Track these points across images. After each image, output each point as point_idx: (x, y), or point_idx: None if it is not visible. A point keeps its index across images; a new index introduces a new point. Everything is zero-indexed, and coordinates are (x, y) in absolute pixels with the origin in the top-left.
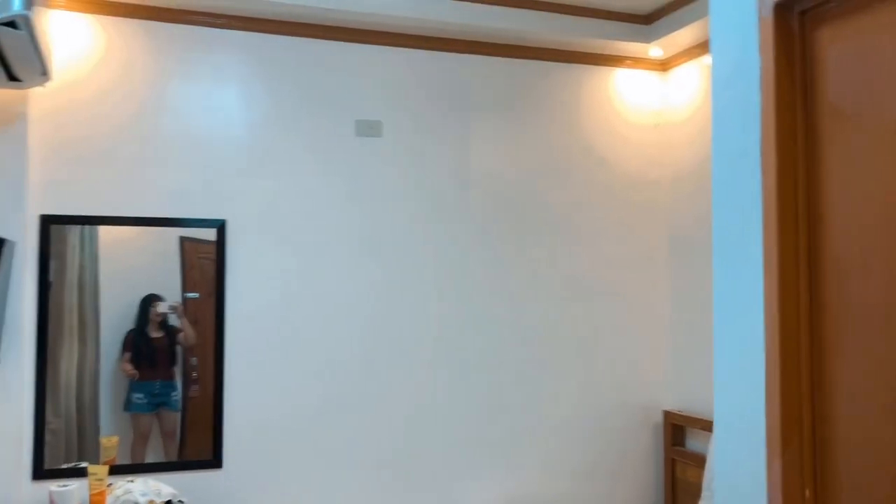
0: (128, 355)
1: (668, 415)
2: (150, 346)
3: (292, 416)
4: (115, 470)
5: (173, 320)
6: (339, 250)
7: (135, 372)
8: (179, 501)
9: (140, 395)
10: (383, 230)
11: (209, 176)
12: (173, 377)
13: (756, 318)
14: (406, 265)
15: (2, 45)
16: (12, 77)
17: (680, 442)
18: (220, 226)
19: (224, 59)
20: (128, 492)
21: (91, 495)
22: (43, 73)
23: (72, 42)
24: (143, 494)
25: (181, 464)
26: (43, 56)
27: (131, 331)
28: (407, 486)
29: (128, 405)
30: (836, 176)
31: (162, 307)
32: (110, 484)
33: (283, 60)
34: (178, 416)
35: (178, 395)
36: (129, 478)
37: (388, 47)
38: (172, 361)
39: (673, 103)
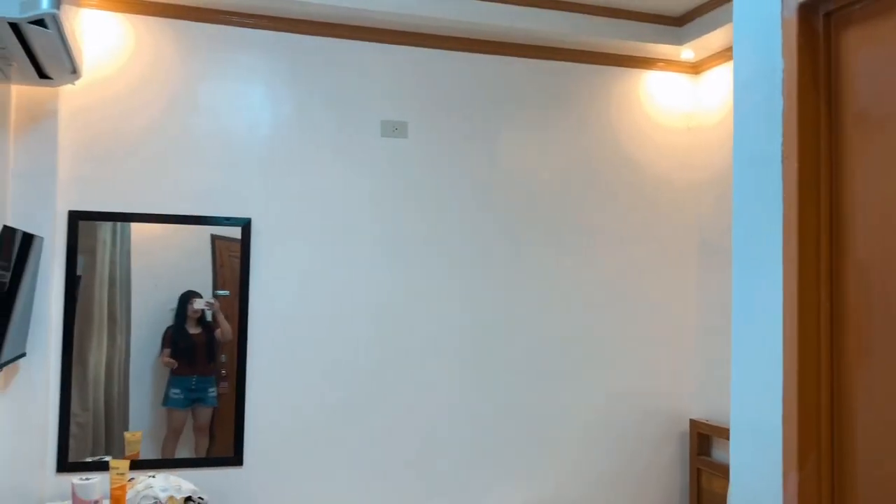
0: (167, 351)
1: (694, 423)
2: (188, 342)
3: (313, 417)
4: (139, 465)
5: (210, 317)
6: (362, 251)
7: (173, 361)
8: (199, 498)
9: (177, 391)
10: (408, 231)
11: (235, 175)
12: (210, 373)
13: (774, 326)
14: (430, 267)
15: (31, 44)
16: (43, 75)
17: (706, 451)
18: (245, 224)
19: (251, 59)
20: (148, 487)
21: (112, 489)
22: (73, 72)
23: (102, 40)
24: (164, 490)
25: (203, 460)
26: (72, 54)
27: (170, 327)
28: (427, 489)
29: (165, 400)
30: (861, 182)
31: (199, 304)
32: (131, 478)
33: (310, 60)
34: (212, 412)
35: (214, 391)
36: (151, 473)
37: (414, 48)
38: (210, 357)
39: (705, 106)
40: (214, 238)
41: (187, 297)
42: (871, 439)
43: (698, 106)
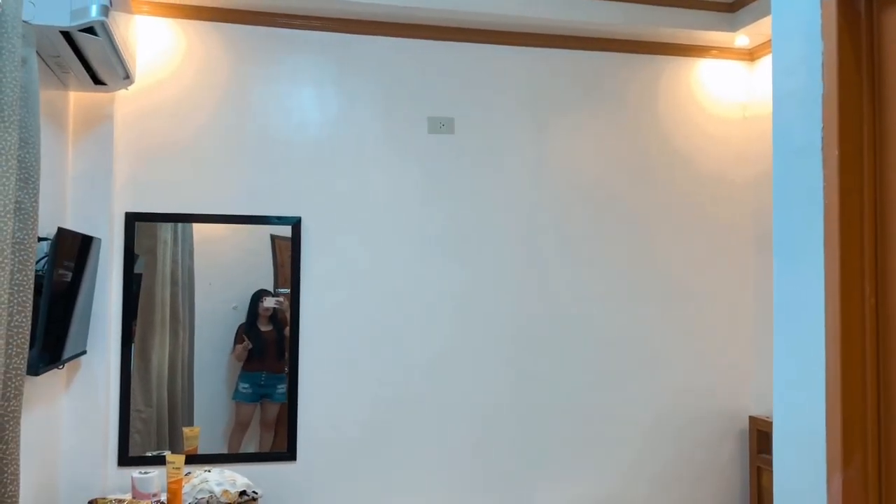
0: (239, 347)
1: (753, 421)
2: (259, 339)
3: (364, 413)
4: (197, 459)
5: (280, 315)
6: (411, 248)
7: (245, 349)
8: (254, 492)
9: (246, 385)
10: (457, 228)
11: (285, 174)
12: (280, 370)
13: (817, 322)
14: (480, 263)
15: (84, 51)
16: (97, 81)
17: (766, 449)
18: (296, 223)
19: (299, 59)
20: (204, 481)
21: (168, 483)
22: (126, 77)
23: (154, 46)
24: (219, 484)
25: (258, 455)
26: (124, 60)
27: (242, 324)
28: (479, 487)
29: (235, 394)
30: None
31: (269, 302)
32: (188, 473)
33: (356, 59)
34: (279, 408)
35: (283, 387)
36: (207, 467)
37: (459, 43)
38: (280, 355)
39: (761, 95)
40: (274, 238)
41: (258, 296)
42: None
43: (754, 94)
